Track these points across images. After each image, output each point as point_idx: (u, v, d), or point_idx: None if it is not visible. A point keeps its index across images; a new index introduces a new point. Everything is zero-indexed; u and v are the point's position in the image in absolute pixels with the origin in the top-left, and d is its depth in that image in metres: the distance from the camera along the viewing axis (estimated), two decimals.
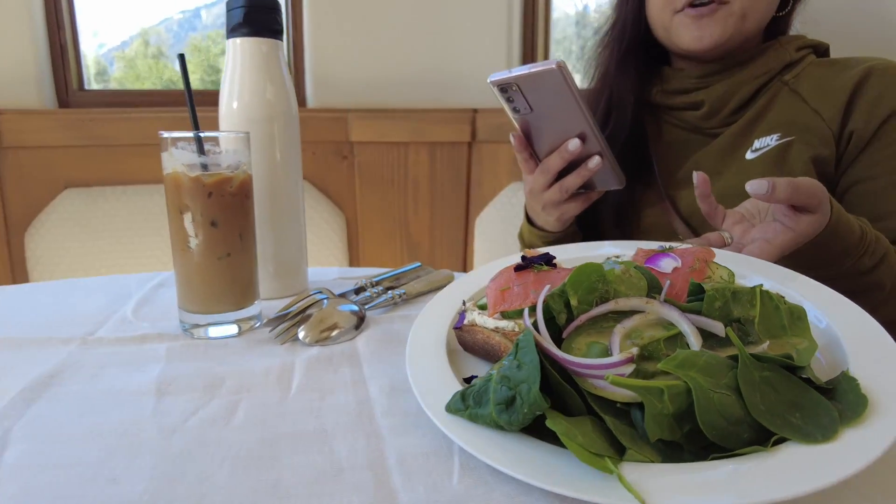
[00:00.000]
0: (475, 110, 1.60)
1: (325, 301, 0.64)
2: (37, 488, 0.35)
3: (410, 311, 0.68)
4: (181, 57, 0.60)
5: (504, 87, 0.71)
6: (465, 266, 1.69)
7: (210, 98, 1.39)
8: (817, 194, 0.56)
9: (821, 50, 0.85)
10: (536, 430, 0.35)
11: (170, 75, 2.66)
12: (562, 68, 0.66)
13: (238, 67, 0.69)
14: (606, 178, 0.77)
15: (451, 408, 0.37)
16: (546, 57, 1.77)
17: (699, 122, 0.85)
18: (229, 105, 0.70)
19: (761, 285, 0.43)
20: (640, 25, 0.88)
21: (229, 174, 0.57)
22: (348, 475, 0.36)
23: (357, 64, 1.63)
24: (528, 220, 0.90)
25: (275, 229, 0.71)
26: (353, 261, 1.66)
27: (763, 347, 0.40)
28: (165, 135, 0.57)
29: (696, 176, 0.62)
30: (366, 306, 0.66)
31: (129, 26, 1.84)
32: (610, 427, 0.33)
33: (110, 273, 1.40)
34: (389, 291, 0.71)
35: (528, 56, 1.73)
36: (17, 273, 1.43)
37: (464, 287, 0.58)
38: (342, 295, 0.68)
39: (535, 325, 0.38)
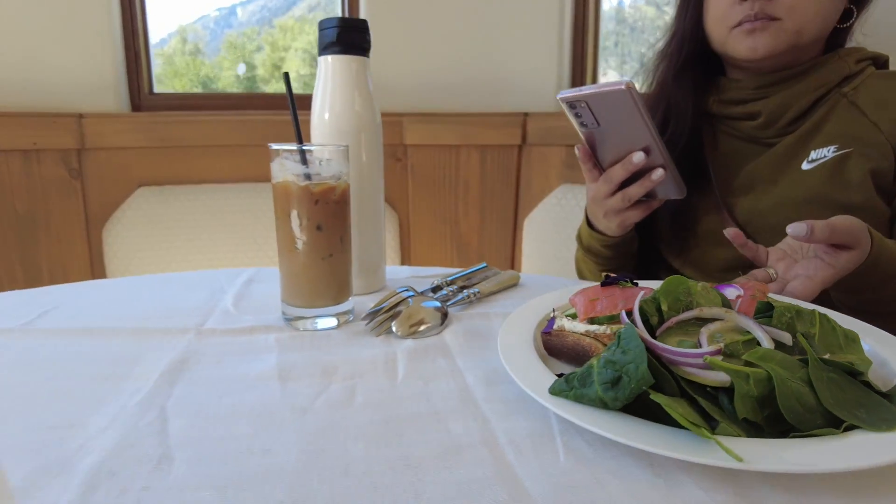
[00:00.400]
0: (526, 114, 1.65)
1: (411, 298, 0.69)
2: (206, 457, 0.41)
3: (485, 308, 0.74)
4: (286, 75, 0.66)
5: (573, 104, 0.76)
6: (513, 265, 1.73)
7: (249, 101, 1.47)
8: (854, 233, 0.60)
9: (880, 62, 0.87)
10: (633, 410, 0.40)
11: (206, 72, 2.74)
12: (630, 89, 0.70)
13: (329, 82, 0.75)
14: (668, 188, 0.81)
15: (556, 390, 0.42)
16: (595, 63, 1.80)
17: (755, 131, 0.88)
18: (321, 116, 0.76)
19: (817, 310, 0.48)
20: (698, 38, 0.91)
21: (333, 183, 0.62)
22: (467, 451, 0.41)
23: (412, 70, 1.69)
24: (589, 223, 0.94)
25: (360, 231, 0.77)
26: (405, 259, 1.72)
27: (825, 357, 0.45)
28: (275, 146, 0.63)
29: (729, 232, 0.67)
30: (447, 303, 0.72)
31: (167, 24, 1.92)
32: (703, 406, 0.38)
33: (181, 266, 1.49)
34: (464, 290, 0.76)
35: (578, 62, 1.77)
36: (95, 265, 1.52)
37: (538, 305, 0.63)
38: (423, 293, 0.74)
39: (632, 322, 0.43)
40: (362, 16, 1.69)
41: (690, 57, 0.92)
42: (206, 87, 2.74)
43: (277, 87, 1.99)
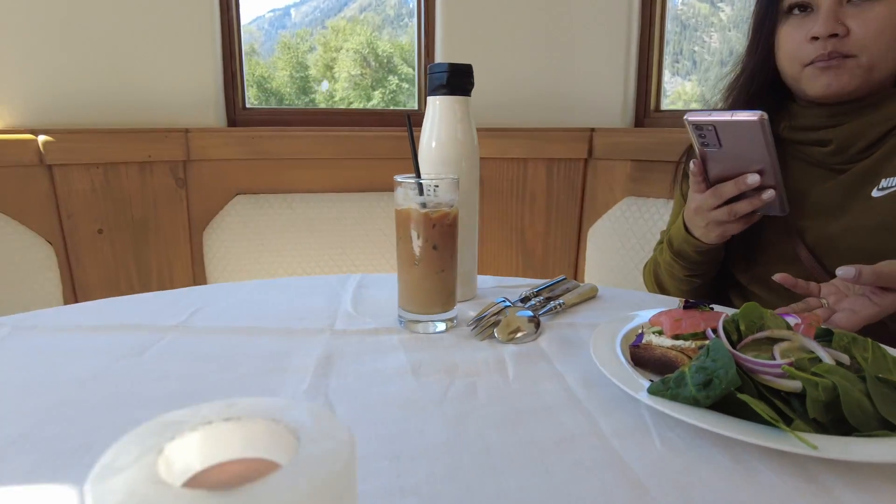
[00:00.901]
0: (592, 129, 1.73)
1: (507, 308, 0.80)
2: (376, 436, 0.52)
3: (571, 318, 0.83)
4: (408, 117, 0.78)
5: (699, 126, 0.82)
6: (576, 273, 1.82)
7: (333, 117, 1.59)
8: None
9: None
10: (717, 410, 0.50)
11: (261, 72, 2.87)
12: (763, 122, 0.77)
13: (437, 118, 0.86)
14: (772, 206, 0.86)
15: (654, 389, 0.52)
16: (660, 80, 1.87)
17: (826, 158, 0.94)
18: (429, 146, 0.87)
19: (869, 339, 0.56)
20: (769, 70, 0.98)
21: (447, 210, 0.74)
22: (579, 439, 0.51)
23: (484, 88, 1.79)
24: (686, 230, 0.98)
25: (461, 247, 0.88)
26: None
27: (879, 375, 0.53)
28: (399, 178, 0.74)
29: (777, 277, 0.75)
30: (538, 313, 0.82)
31: None
32: (780, 406, 0.47)
33: (273, 268, 1.63)
34: (551, 301, 0.86)
35: (644, 79, 1.84)
36: (196, 266, 1.69)
37: (619, 321, 0.73)
38: (515, 303, 0.84)
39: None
40: (439, 38, 1.81)
41: (761, 88, 0.99)
42: (260, 87, 2.89)
43: (337, 92, 2.12)
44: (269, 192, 1.69)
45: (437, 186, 0.74)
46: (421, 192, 0.74)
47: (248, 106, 1.87)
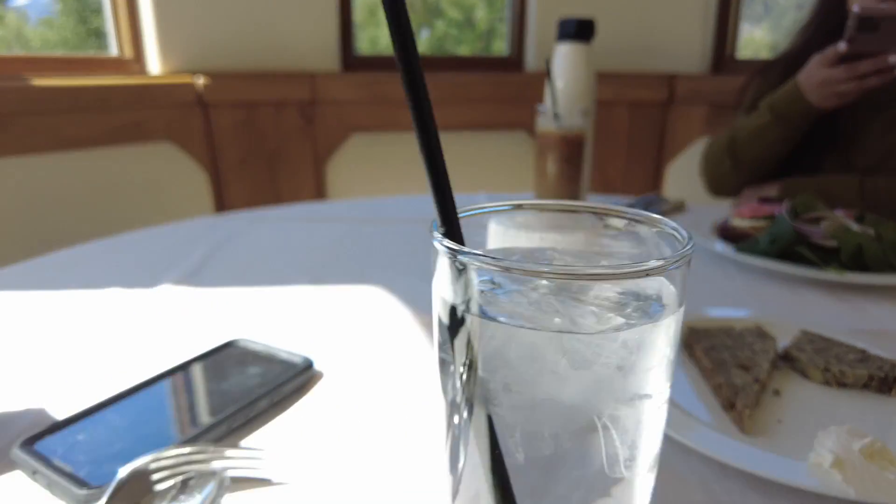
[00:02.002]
0: (673, 76, 1.90)
1: None
2: None
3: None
4: (547, 61, 1.00)
5: (866, 17, 0.99)
6: None
7: (439, 63, 1.79)
8: None
9: None
10: (781, 258, 0.73)
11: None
12: None
13: (566, 62, 1.08)
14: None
15: (741, 248, 0.75)
16: (736, 27, 2.00)
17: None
18: (561, 81, 1.09)
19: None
20: (841, 11, 1.14)
21: (578, 132, 0.96)
22: None
23: None
24: (799, 97, 1.14)
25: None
26: None
27: None
28: (540, 108, 0.97)
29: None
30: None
31: None
32: (822, 256, 0.70)
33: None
34: (650, 207, 1.09)
35: (722, 27, 1.98)
36: (319, 193, 1.97)
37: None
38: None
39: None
40: None
41: (834, 29, 1.15)
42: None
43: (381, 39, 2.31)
44: (382, 130, 1.94)
45: (568, 114, 0.97)
46: (557, 118, 0.97)
47: (358, 54, 2.11)
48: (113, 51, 1.83)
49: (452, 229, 0.26)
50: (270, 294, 0.72)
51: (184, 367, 0.52)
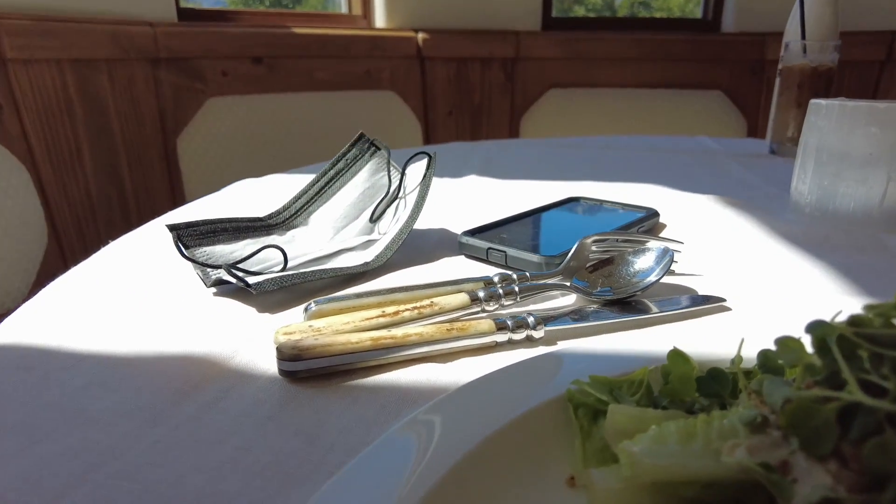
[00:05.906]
0: (894, 32, 1.82)
1: None
2: None
3: None
4: (800, 2, 1.05)
5: None
6: None
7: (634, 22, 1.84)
8: None
9: None
10: None
11: None
12: None
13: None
14: None
15: None
16: None
17: None
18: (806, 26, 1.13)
19: None
20: None
21: (830, 65, 1.01)
22: None
23: None
24: None
25: None
26: None
27: None
28: (789, 41, 1.02)
29: None
30: None
31: None
32: None
33: None
34: None
35: None
36: None
37: None
38: None
39: None
40: None
41: None
42: None
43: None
44: (578, 86, 2.04)
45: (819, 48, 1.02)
46: (805, 52, 1.02)
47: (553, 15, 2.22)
48: (343, 8, 2.09)
49: None
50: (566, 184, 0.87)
51: (549, 207, 0.67)
